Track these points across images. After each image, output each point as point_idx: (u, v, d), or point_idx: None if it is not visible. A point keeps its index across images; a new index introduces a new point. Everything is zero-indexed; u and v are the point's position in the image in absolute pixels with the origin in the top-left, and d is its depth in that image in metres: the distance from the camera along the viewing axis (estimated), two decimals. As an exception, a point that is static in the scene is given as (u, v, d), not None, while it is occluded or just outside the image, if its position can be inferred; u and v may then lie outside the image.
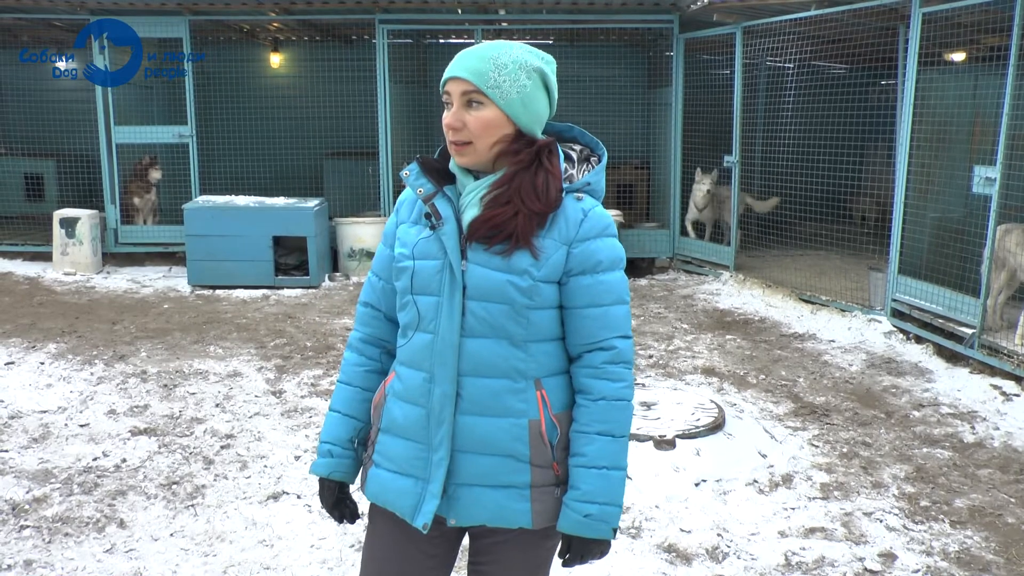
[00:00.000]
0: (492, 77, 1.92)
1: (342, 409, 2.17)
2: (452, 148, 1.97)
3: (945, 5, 6.73)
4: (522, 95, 1.94)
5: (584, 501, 1.95)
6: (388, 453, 2.06)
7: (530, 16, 10.29)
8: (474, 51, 1.96)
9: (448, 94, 1.96)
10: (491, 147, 1.95)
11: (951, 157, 7.59)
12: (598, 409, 1.98)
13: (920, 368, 6.48)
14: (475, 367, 1.95)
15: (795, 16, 8.39)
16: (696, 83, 10.21)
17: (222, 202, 9.40)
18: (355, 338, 2.21)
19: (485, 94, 1.92)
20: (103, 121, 10.00)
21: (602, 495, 1.95)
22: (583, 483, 1.96)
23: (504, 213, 1.92)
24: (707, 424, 4.87)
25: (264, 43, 12.18)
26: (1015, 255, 6.36)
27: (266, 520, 4.03)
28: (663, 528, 3.96)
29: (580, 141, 2.12)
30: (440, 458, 1.98)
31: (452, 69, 1.96)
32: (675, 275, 10.15)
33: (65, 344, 6.85)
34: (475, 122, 1.93)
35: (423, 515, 1.98)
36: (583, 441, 1.98)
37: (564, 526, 1.99)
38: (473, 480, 1.98)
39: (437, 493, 1.98)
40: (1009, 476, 4.58)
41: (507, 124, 1.95)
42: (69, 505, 4.14)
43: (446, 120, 1.95)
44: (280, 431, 5.12)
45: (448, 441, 1.97)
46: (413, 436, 2.02)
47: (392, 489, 2.04)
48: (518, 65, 1.94)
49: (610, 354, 1.98)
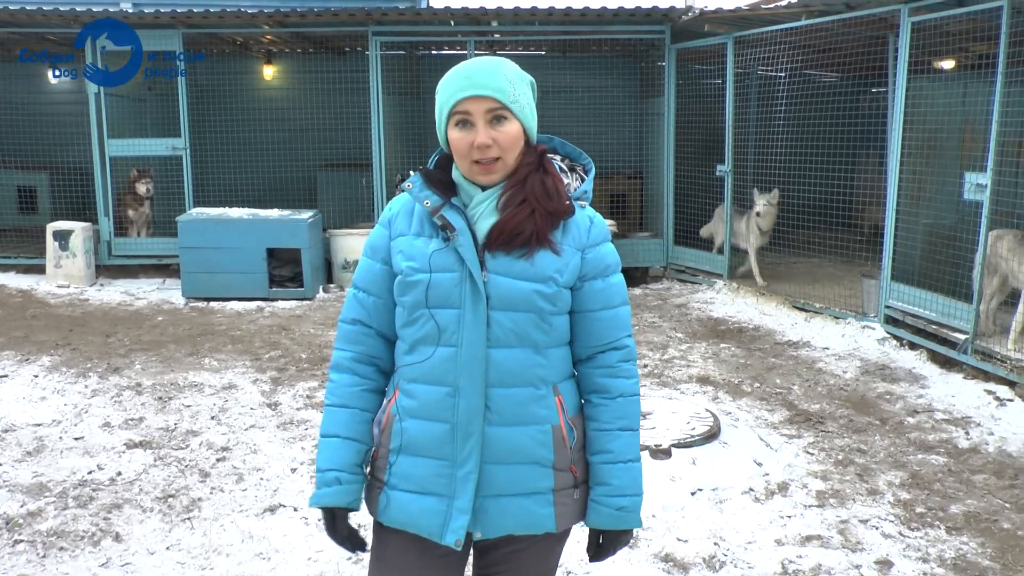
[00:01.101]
0: (511, 93, 1.94)
1: (343, 433, 2.07)
2: (478, 168, 1.96)
3: (934, 14, 6.79)
4: (530, 107, 2.01)
5: (617, 495, 2.03)
6: (406, 473, 2.01)
7: (523, 28, 10.34)
8: (483, 69, 1.95)
9: (467, 113, 1.93)
10: (516, 160, 1.98)
11: (942, 164, 7.63)
12: (617, 406, 2.05)
13: (914, 374, 6.50)
14: (501, 377, 1.96)
15: (786, 26, 8.44)
16: (688, 93, 10.25)
17: (216, 214, 9.40)
18: (344, 358, 2.11)
19: (510, 109, 1.94)
20: (96, 134, 10.01)
21: (631, 487, 2.05)
22: (613, 478, 2.04)
23: (521, 212, 1.94)
24: (703, 433, 4.88)
25: (257, 55, 12.21)
26: (1007, 260, 6.40)
27: (263, 533, 4.02)
28: (660, 537, 3.96)
29: (561, 152, 2.16)
30: (468, 472, 1.96)
31: (470, 88, 1.93)
32: (669, 284, 10.17)
33: (59, 357, 6.83)
34: (504, 138, 1.94)
35: (453, 532, 1.96)
36: (607, 438, 2.05)
37: (597, 522, 2.06)
38: (500, 491, 1.99)
39: (467, 508, 1.96)
40: (1004, 481, 4.59)
41: (523, 136, 1.99)
42: (64, 519, 4.13)
43: (477, 140, 1.93)
44: (276, 443, 5.11)
45: (477, 454, 1.96)
46: (434, 453, 1.99)
47: (415, 510, 2.00)
48: (520, 79, 1.99)
49: (623, 352, 2.07)
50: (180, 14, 9.61)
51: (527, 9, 9.47)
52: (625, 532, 2.10)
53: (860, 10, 7.55)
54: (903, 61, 7.11)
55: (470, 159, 1.95)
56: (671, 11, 9.64)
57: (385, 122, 10.08)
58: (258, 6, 11.46)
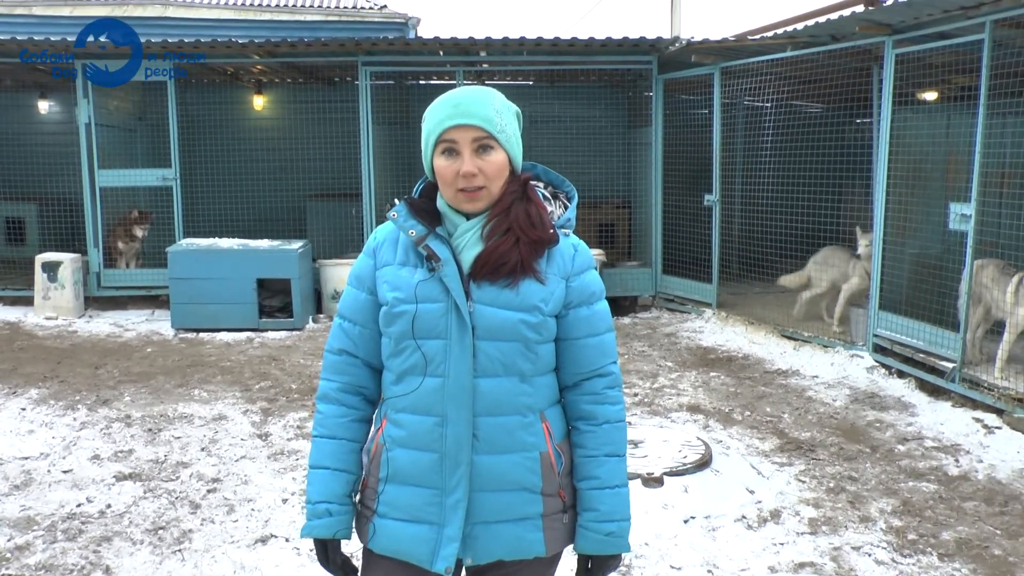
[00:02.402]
0: (498, 122, 1.97)
1: (332, 464, 2.08)
2: (463, 195, 1.97)
3: (917, 47, 6.90)
4: (516, 136, 2.03)
5: (605, 520, 2.05)
6: (396, 502, 2.03)
7: (511, 58, 10.43)
8: (471, 98, 1.97)
9: (453, 142, 1.96)
10: (501, 189, 2.00)
11: (927, 194, 7.72)
12: (603, 432, 2.07)
13: (903, 402, 6.53)
14: (488, 406, 1.97)
15: (772, 57, 8.56)
16: (676, 123, 10.34)
17: (206, 245, 9.40)
18: (331, 388, 2.12)
19: (496, 139, 1.96)
20: (87, 164, 9.99)
21: (619, 512, 2.06)
22: (601, 504, 2.05)
23: (506, 242, 1.96)
24: (694, 461, 4.89)
25: (248, 85, 12.26)
26: (989, 290, 6.46)
27: (255, 564, 3.99)
28: (653, 565, 3.96)
29: (544, 179, 2.19)
30: (457, 500, 1.97)
31: (457, 116, 1.95)
32: (658, 313, 10.20)
33: (47, 389, 6.79)
34: (490, 167, 1.96)
35: (443, 559, 1.97)
36: (594, 464, 2.06)
37: (585, 547, 2.07)
38: (490, 517, 2.00)
39: (456, 536, 1.97)
40: (994, 508, 4.61)
41: (508, 165, 2.02)
42: (53, 552, 4.09)
43: (464, 168, 1.94)
44: (267, 474, 5.08)
45: (466, 482, 1.97)
46: (423, 482, 2.00)
47: (404, 537, 2.01)
48: (507, 109, 2.02)
49: (608, 379, 2.09)
50: (171, 43, 9.65)
51: (515, 39, 9.56)
52: (614, 557, 2.11)
53: (845, 42, 7.67)
54: (888, 92, 7.21)
55: (455, 187, 1.97)
56: (658, 41, 9.75)
57: (374, 152, 10.12)
58: (249, 36, 11.53)
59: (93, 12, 15.36)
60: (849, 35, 7.57)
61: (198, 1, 16.28)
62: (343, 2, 17.00)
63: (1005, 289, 6.30)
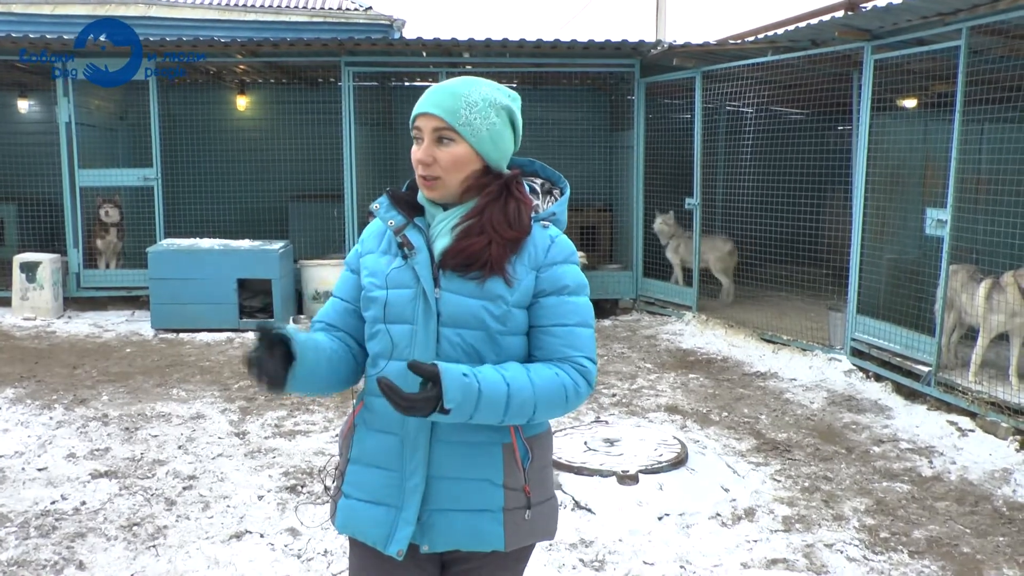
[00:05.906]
0: (463, 115, 1.97)
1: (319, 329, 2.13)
2: (421, 182, 2.02)
3: (896, 52, 6.97)
4: (491, 132, 2.00)
5: (473, 375, 1.86)
6: (359, 483, 2.07)
7: (494, 60, 10.46)
8: (445, 87, 2.01)
9: (419, 129, 2.00)
10: (460, 183, 2.00)
11: (905, 200, 7.79)
12: (542, 368, 1.96)
13: (879, 405, 6.59)
14: None
15: (752, 61, 8.61)
16: (657, 126, 10.40)
17: (187, 245, 9.36)
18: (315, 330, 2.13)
19: (456, 131, 1.97)
20: (67, 164, 9.93)
21: (486, 383, 1.87)
22: (485, 371, 1.89)
23: (478, 243, 1.96)
24: (670, 459, 4.91)
25: (230, 85, 12.24)
26: (959, 295, 6.52)
27: (229, 559, 3.98)
28: (627, 561, 3.98)
29: (541, 175, 2.19)
30: (415, 484, 1.99)
31: (423, 105, 1.99)
32: (638, 316, 10.24)
33: (23, 389, 6.75)
34: (446, 158, 1.98)
35: (397, 542, 1.99)
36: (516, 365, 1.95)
37: (446, 370, 1.85)
38: (447, 505, 2.00)
39: (411, 520, 1.99)
40: (965, 508, 4.66)
41: (476, 160, 2.01)
42: (25, 548, 4.07)
43: (416, 155, 1.99)
44: (243, 471, 5.07)
45: (423, 467, 1.99)
46: (385, 464, 2.03)
47: (363, 518, 2.04)
48: (488, 103, 2.00)
49: (577, 369, 1.98)
50: (153, 42, 9.62)
51: (498, 41, 9.59)
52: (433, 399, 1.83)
53: (825, 47, 7.73)
54: (867, 98, 7.27)
55: (417, 173, 2.02)
56: (640, 45, 9.80)
57: (357, 153, 10.12)
58: (233, 36, 11.50)
59: (75, 11, 15.32)
60: (829, 40, 7.63)
61: (182, 1, 16.21)
62: (328, 3, 16.98)
63: (974, 295, 6.35)
